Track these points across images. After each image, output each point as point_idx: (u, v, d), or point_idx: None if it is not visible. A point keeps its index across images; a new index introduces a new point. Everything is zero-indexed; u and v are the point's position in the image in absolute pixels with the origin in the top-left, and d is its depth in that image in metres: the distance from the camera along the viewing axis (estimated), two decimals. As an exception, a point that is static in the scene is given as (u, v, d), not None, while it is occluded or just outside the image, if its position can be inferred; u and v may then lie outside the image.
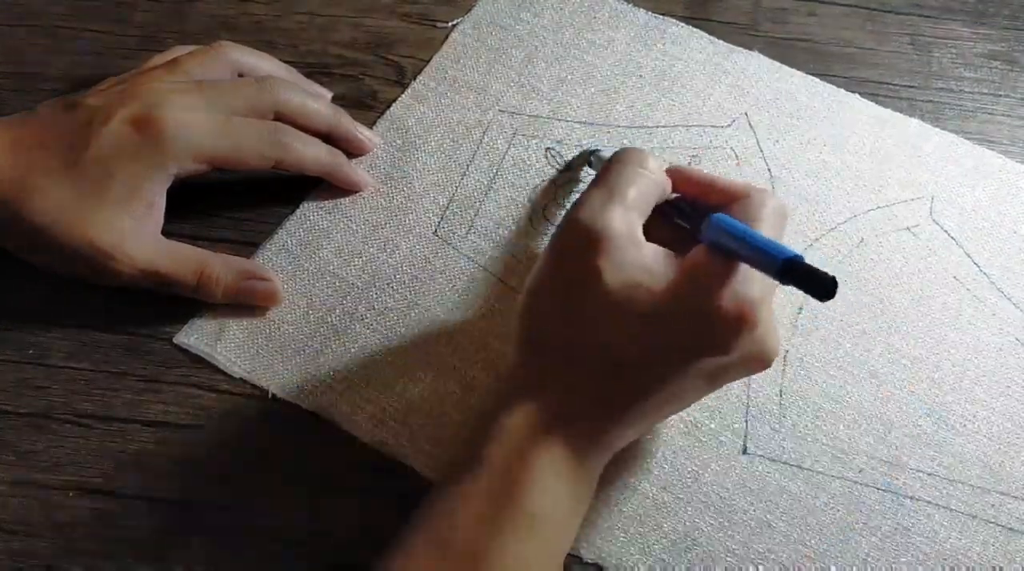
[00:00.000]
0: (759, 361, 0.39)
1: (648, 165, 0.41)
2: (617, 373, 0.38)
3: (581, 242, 0.38)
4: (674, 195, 0.43)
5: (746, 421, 0.45)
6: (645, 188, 0.40)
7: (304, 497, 0.42)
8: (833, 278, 0.33)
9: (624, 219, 0.39)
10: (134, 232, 0.45)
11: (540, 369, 0.39)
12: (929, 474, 0.43)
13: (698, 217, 0.39)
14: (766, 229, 0.38)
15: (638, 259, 0.38)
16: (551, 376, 0.39)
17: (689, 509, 0.43)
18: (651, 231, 0.40)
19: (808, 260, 0.34)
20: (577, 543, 0.41)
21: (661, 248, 0.39)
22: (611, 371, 0.38)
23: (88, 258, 0.44)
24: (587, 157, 0.51)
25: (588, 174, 0.52)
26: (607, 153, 0.47)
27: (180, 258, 0.46)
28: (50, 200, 0.44)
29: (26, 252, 0.46)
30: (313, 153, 0.49)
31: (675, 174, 0.43)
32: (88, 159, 0.44)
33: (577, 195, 0.51)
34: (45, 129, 0.45)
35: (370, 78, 0.56)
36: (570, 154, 0.53)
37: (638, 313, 0.37)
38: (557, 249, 0.40)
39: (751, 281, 0.37)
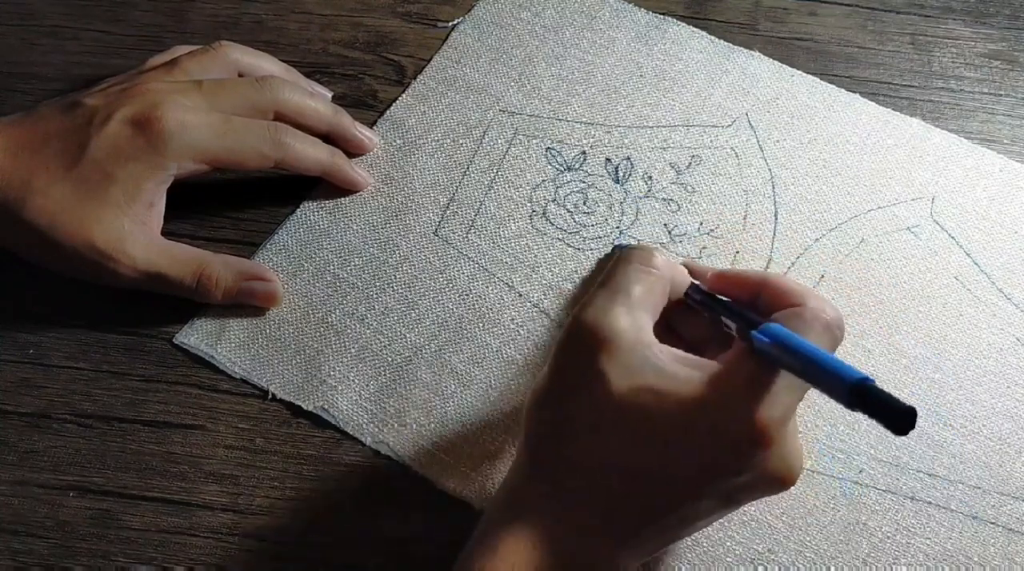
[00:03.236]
0: (779, 482, 0.36)
1: (654, 263, 0.39)
2: (625, 490, 0.35)
3: (585, 344, 0.36)
4: (695, 284, 0.40)
5: (746, 421, 0.45)
6: (652, 287, 0.38)
7: (304, 497, 0.42)
8: (911, 409, 0.29)
9: (630, 318, 0.36)
10: (134, 233, 0.45)
11: (541, 483, 0.36)
12: (929, 474, 0.43)
13: (738, 316, 0.37)
14: (815, 341, 0.35)
15: (648, 360, 0.35)
16: (552, 493, 0.36)
17: (689, 509, 0.42)
18: (674, 325, 0.38)
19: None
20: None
21: (674, 350, 0.36)
22: (618, 487, 0.35)
23: (88, 259, 0.44)
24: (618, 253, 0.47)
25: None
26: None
27: (180, 259, 0.46)
28: (50, 200, 0.44)
29: (26, 252, 0.46)
30: (313, 153, 0.49)
31: (721, 278, 0.40)
32: (88, 159, 0.44)
33: (579, 195, 0.51)
34: (45, 129, 0.45)
35: (370, 78, 0.56)
36: (570, 154, 0.53)
37: (649, 421, 0.34)
38: (560, 352, 0.37)
39: (779, 396, 0.34)
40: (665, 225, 0.50)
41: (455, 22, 0.58)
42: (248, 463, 0.43)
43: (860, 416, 0.44)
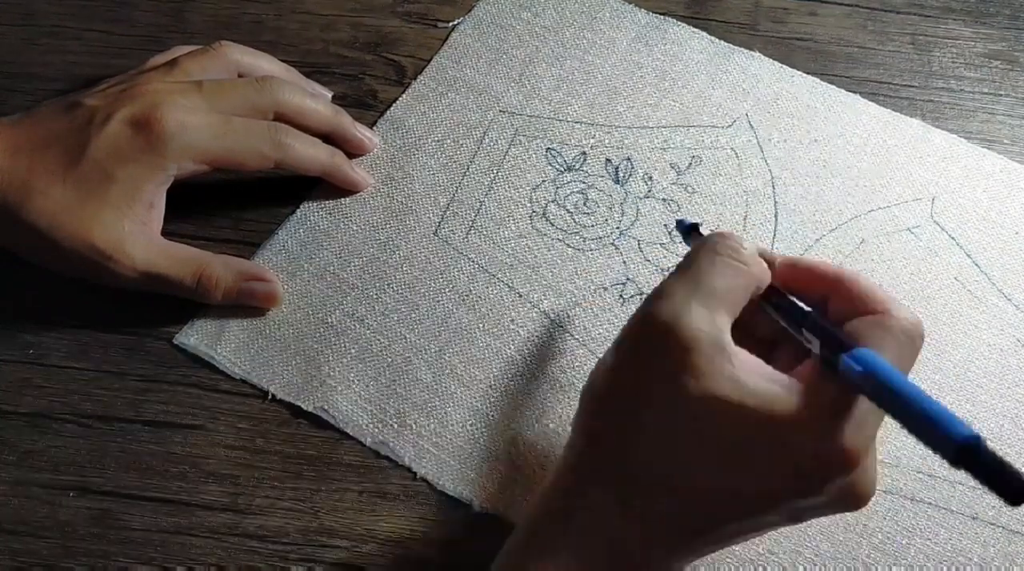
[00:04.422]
0: (856, 501, 0.33)
1: (742, 256, 0.35)
2: (690, 503, 0.33)
3: (660, 344, 0.33)
4: (775, 287, 0.37)
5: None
6: (737, 284, 0.34)
7: (305, 497, 0.42)
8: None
9: (711, 320, 0.33)
10: (134, 233, 0.45)
11: (601, 486, 0.34)
12: (930, 475, 0.43)
13: (826, 335, 0.33)
14: (892, 358, 0.32)
15: (726, 370, 0.32)
16: (612, 499, 0.34)
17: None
18: (743, 321, 0.35)
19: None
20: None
21: (753, 358, 0.33)
22: (683, 499, 0.33)
23: (88, 259, 0.44)
24: (686, 231, 0.42)
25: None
26: (706, 230, 0.40)
27: (179, 259, 0.46)
28: (50, 201, 0.44)
29: (26, 252, 0.46)
30: (313, 153, 0.49)
31: (791, 269, 0.37)
32: (88, 159, 0.44)
33: (579, 195, 0.51)
34: (45, 129, 0.45)
35: (370, 78, 0.56)
36: (570, 154, 0.53)
37: (724, 436, 0.32)
38: (631, 347, 0.34)
39: (866, 418, 0.32)
40: (665, 225, 0.50)
41: (455, 22, 0.58)
42: (248, 463, 0.43)
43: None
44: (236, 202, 0.51)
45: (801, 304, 0.36)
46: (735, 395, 0.32)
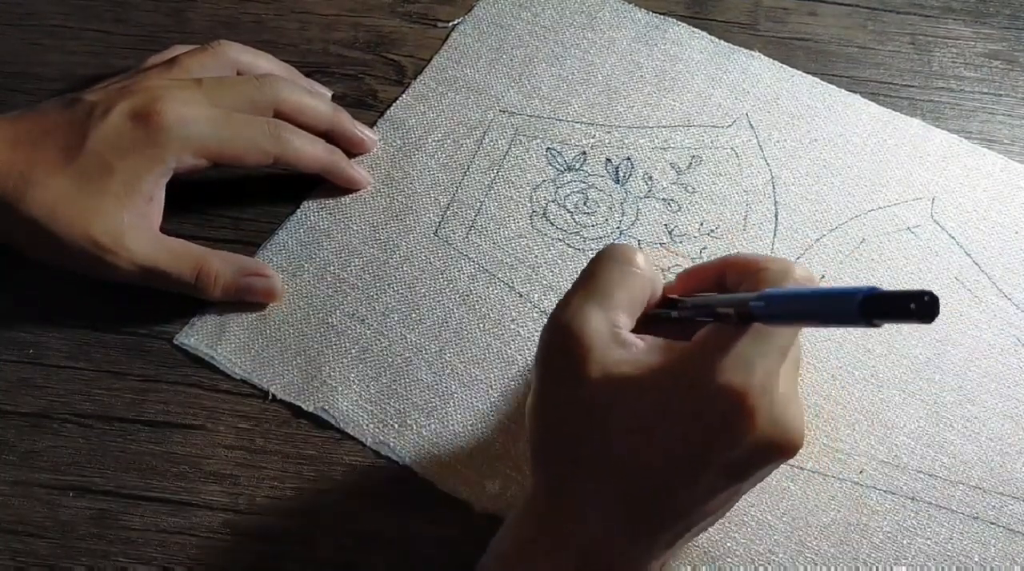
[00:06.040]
0: (777, 448, 0.34)
1: (635, 262, 0.37)
2: (630, 482, 0.34)
3: (562, 348, 0.35)
4: (675, 299, 0.39)
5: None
6: (633, 285, 0.37)
7: (304, 497, 0.42)
8: (927, 292, 0.27)
9: (606, 318, 0.35)
10: (133, 226, 0.45)
11: (554, 492, 0.36)
12: (930, 475, 0.43)
13: (710, 305, 0.36)
14: None
15: (623, 355, 0.35)
16: (566, 500, 0.35)
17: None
18: (657, 327, 0.37)
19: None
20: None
21: (650, 338, 0.36)
22: (623, 481, 0.34)
23: (86, 252, 0.44)
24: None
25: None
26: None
27: (179, 254, 0.46)
28: (49, 193, 0.44)
29: (24, 246, 0.46)
30: (312, 150, 0.49)
31: (685, 277, 0.40)
32: (87, 152, 0.44)
33: (579, 195, 0.51)
34: (45, 124, 0.45)
35: (370, 78, 0.56)
36: (571, 154, 0.53)
37: (633, 409, 0.34)
38: (540, 360, 0.37)
39: (753, 360, 0.33)
40: (665, 225, 0.50)
41: (455, 22, 0.58)
42: (248, 463, 0.43)
43: (860, 416, 0.45)
44: (236, 202, 0.51)
45: (704, 294, 0.39)
46: (635, 372, 0.34)
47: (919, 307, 0.27)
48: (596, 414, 0.35)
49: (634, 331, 0.36)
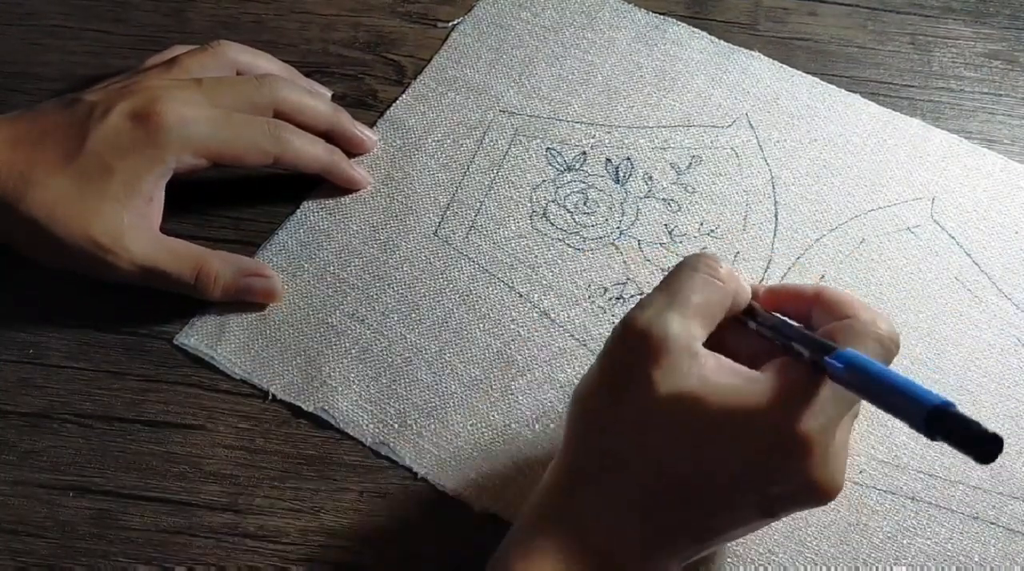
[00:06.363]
0: (819, 493, 0.35)
1: (719, 274, 0.37)
2: (661, 489, 0.35)
3: (635, 347, 0.35)
4: (759, 310, 0.39)
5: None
6: (712, 297, 0.37)
7: (305, 497, 0.42)
8: (995, 436, 0.27)
9: (685, 327, 0.35)
10: (133, 226, 0.45)
11: (583, 482, 0.36)
12: (930, 475, 0.43)
13: (787, 335, 0.36)
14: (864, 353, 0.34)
15: (695, 370, 0.35)
16: (592, 491, 0.36)
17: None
18: (730, 342, 0.37)
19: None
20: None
21: (726, 360, 0.36)
22: (654, 485, 0.35)
23: (86, 252, 0.44)
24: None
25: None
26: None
27: (179, 254, 0.46)
28: (49, 193, 0.44)
29: (25, 246, 0.46)
30: (312, 150, 0.49)
31: (773, 294, 0.40)
32: (87, 153, 0.44)
33: (579, 195, 0.51)
34: (44, 123, 0.45)
35: (370, 78, 0.56)
36: (570, 154, 0.53)
37: (687, 424, 0.34)
38: (609, 353, 0.37)
39: (823, 406, 0.34)
40: (665, 225, 0.50)
41: (455, 22, 0.58)
42: (248, 463, 0.43)
43: (861, 417, 0.45)
44: (236, 202, 0.51)
45: (786, 319, 0.39)
46: (702, 390, 0.34)
47: (980, 443, 0.26)
48: (653, 418, 0.35)
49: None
